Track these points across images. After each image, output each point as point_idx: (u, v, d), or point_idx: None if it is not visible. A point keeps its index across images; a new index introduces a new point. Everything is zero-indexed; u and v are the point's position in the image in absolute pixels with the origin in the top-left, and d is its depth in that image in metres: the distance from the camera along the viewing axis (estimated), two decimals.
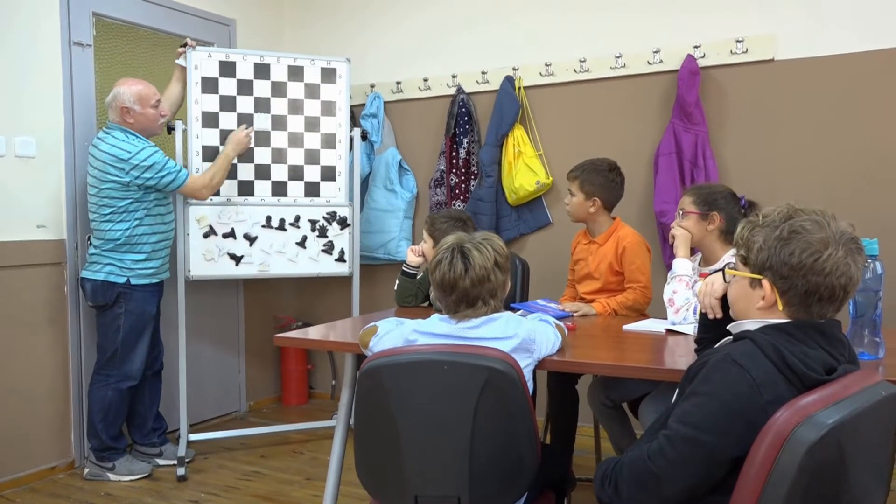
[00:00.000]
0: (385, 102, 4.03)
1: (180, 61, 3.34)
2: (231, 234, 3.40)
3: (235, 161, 3.39)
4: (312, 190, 3.54)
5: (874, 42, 2.94)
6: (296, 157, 3.51)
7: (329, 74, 3.53)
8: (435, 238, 2.75)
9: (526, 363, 1.76)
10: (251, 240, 3.43)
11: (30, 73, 3.07)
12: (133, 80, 3.08)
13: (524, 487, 1.68)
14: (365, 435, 1.71)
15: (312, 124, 3.52)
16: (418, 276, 2.90)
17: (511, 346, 1.72)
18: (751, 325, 1.33)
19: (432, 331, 1.76)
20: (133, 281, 3.05)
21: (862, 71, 2.97)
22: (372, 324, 1.91)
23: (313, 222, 3.53)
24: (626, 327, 2.28)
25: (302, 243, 3.51)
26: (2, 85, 2.99)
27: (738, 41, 3.16)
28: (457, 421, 1.60)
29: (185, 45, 3.32)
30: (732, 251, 2.26)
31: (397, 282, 2.89)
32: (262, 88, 3.43)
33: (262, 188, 3.46)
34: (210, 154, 3.35)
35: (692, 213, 2.34)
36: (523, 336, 1.75)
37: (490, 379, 1.58)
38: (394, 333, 1.82)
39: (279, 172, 3.48)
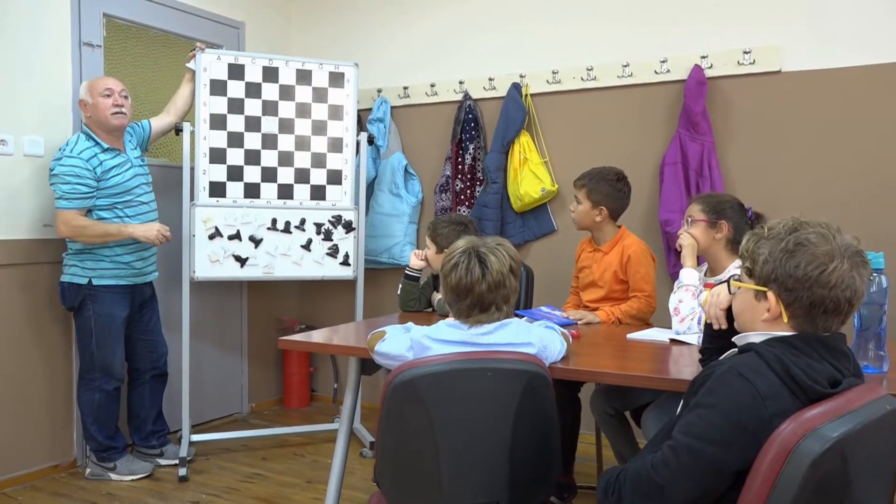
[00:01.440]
0: (392, 107, 4.04)
1: (190, 65, 3.36)
2: (236, 236, 3.41)
3: (243, 163, 3.41)
4: (318, 193, 3.55)
5: (881, 55, 2.95)
6: (302, 160, 3.52)
7: (337, 79, 3.54)
8: (438, 244, 2.76)
9: None
10: (256, 242, 3.44)
11: (39, 73, 3.09)
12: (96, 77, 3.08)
13: (552, 485, 1.71)
14: (395, 446, 1.69)
15: (319, 128, 3.53)
16: (421, 282, 2.90)
17: (529, 352, 1.73)
18: (756, 337, 1.33)
19: (444, 337, 1.75)
20: (95, 282, 3.01)
21: (869, 84, 2.98)
22: (380, 328, 1.91)
23: (318, 225, 3.54)
24: (630, 336, 2.28)
25: (307, 246, 3.52)
26: (11, 84, 3.01)
27: (745, 52, 3.17)
28: (497, 426, 1.61)
29: (195, 49, 3.34)
30: (738, 261, 2.27)
31: (400, 286, 2.90)
32: (270, 91, 3.44)
33: (269, 191, 3.47)
34: (217, 156, 3.37)
35: (701, 221, 2.35)
36: (538, 344, 1.76)
37: (529, 382, 1.60)
38: (400, 338, 1.82)
39: (285, 175, 3.49)
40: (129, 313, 3.14)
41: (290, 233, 3.49)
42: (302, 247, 3.52)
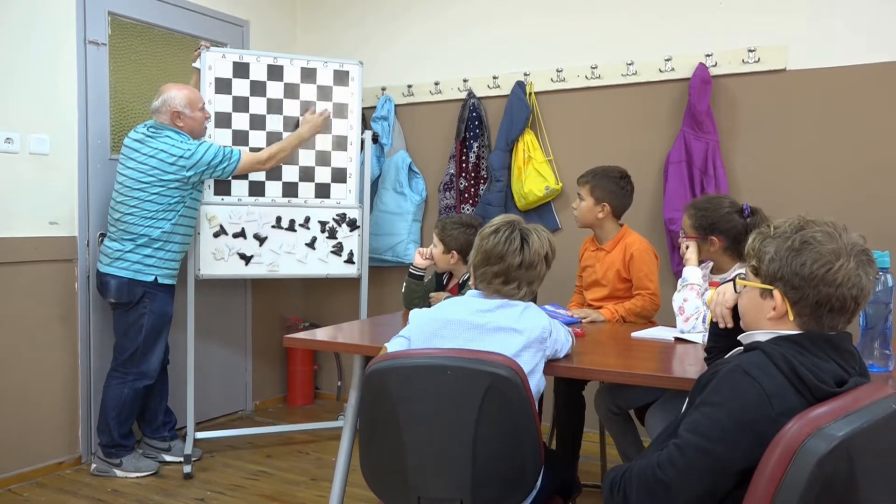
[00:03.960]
0: (396, 105, 4.04)
1: (196, 64, 3.36)
2: (241, 234, 3.42)
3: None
4: (323, 191, 3.55)
5: (886, 54, 2.94)
6: (307, 158, 3.52)
7: (341, 77, 3.54)
8: (445, 243, 2.76)
9: (538, 357, 1.75)
10: (261, 240, 3.45)
11: (45, 71, 3.10)
12: (179, 85, 3.14)
13: (527, 491, 1.68)
14: (370, 436, 1.72)
15: (324, 126, 3.54)
16: (425, 280, 2.91)
17: (522, 342, 1.72)
18: (762, 335, 1.33)
19: (449, 317, 1.76)
20: (161, 280, 3.09)
21: (874, 82, 2.97)
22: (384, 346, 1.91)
23: (323, 224, 3.54)
24: (635, 334, 2.28)
25: (311, 244, 3.53)
26: (17, 82, 3.02)
27: (750, 50, 3.16)
28: (460, 425, 1.61)
29: (199, 48, 3.35)
30: (741, 262, 2.26)
31: (404, 284, 2.90)
32: (274, 90, 3.45)
33: (273, 189, 3.48)
34: None
35: (691, 238, 2.36)
36: (537, 333, 1.75)
37: (493, 384, 1.59)
38: (395, 342, 1.83)
39: (290, 173, 3.50)
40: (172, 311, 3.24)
41: (295, 231, 3.50)
42: (306, 245, 3.52)
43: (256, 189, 3.45)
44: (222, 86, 3.36)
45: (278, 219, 3.47)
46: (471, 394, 1.59)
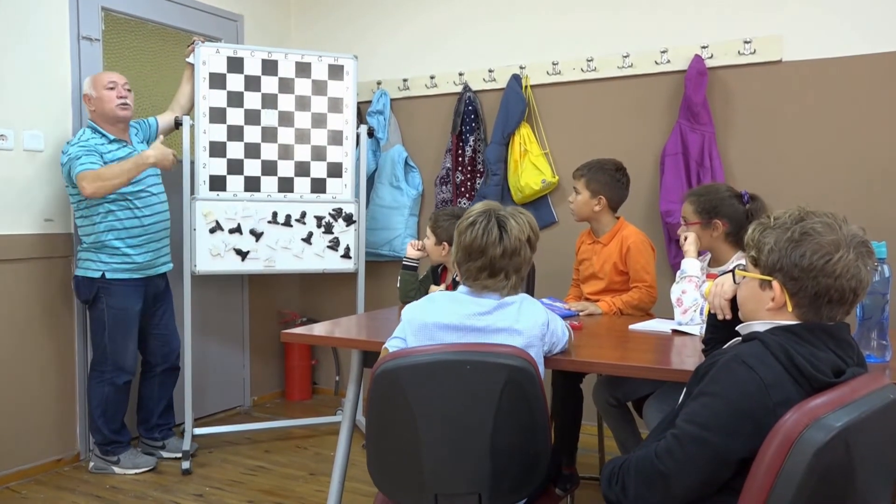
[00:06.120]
0: (391, 100, 4.03)
1: (190, 59, 3.34)
2: (237, 230, 3.41)
3: (243, 157, 3.40)
4: (319, 186, 3.54)
5: (882, 44, 2.94)
6: (302, 153, 3.51)
7: (336, 71, 3.53)
8: (437, 235, 2.76)
9: (538, 352, 1.75)
10: (257, 235, 3.44)
11: (38, 67, 3.08)
12: (98, 73, 3.11)
13: (539, 478, 1.68)
14: (381, 436, 1.70)
15: (319, 121, 3.53)
16: (420, 274, 2.90)
17: (523, 341, 1.71)
18: (760, 326, 1.33)
19: (441, 321, 1.73)
20: (109, 275, 3.02)
21: (870, 73, 2.97)
22: (384, 346, 1.88)
23: (319, 218, 3.54)
24: (632, 327, 2.28)
25: (308, 239, 3.52)
26: (10, 79, 3.00)
27: (745, 42, 3.16)
28: (478, 420, 1.59)
29: (193, 43, 3.33)
30: (740, 253, 2.27)
31: (399, 277, 2.90)
32: (269, 84, 3.43)
33: (269, 184, 3.47)
34: (217, 150, 3.36)
35: (694, 224, 2.35)
36: (537, 331, 1.74)
37: (511, 377, 1.58)
38: (393, 342, 1.82)
39: (286, 168, 3.49)
40: (142, 306, 3.16)
41: (291, 226, 3.49)
42: (303, 240, 3.51)
43: (252, 184, 3.44)
44: (216, 81, 3.35)
45: (274, 214, 3.46)
46: (490, 387, 1.58)
